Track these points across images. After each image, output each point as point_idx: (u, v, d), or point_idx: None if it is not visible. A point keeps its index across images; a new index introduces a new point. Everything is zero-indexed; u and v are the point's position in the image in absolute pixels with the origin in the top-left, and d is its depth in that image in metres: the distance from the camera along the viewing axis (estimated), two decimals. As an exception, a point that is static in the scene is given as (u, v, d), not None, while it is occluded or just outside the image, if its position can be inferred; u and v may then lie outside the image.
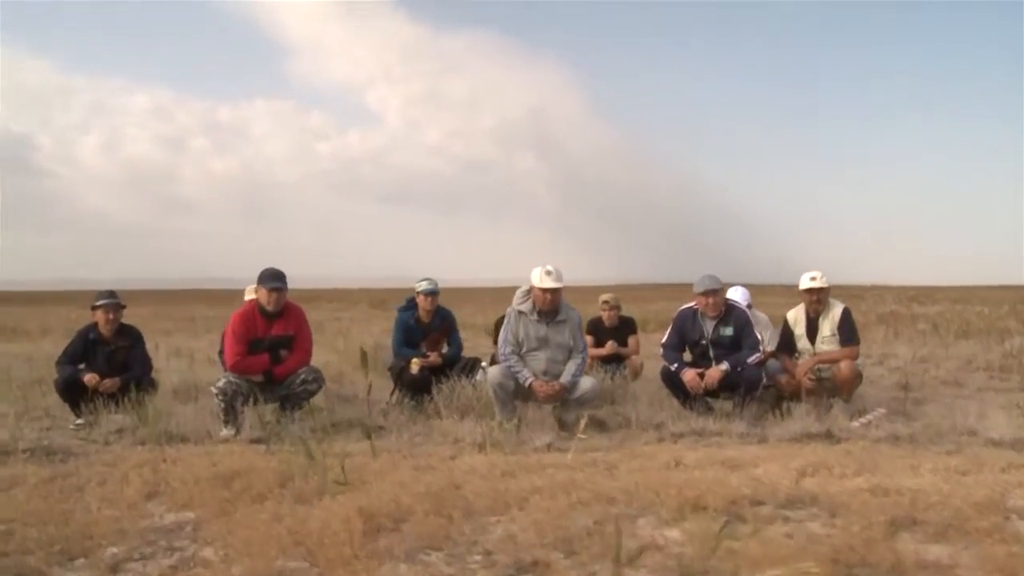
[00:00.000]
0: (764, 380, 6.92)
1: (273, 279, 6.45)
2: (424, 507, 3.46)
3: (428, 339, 7.95)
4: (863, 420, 6.55)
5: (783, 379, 7.17)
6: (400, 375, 7.75)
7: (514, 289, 6.95)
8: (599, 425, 6.58)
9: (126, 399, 6.82)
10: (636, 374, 8.60)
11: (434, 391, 7.29)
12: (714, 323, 6.91)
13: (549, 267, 6.54)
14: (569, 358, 6.66)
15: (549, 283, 6.49)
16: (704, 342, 6.94)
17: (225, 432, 6.22)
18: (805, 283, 7.19)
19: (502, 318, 8.26)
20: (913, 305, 32.14)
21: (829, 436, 5.92)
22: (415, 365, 7.65)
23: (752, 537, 3.10)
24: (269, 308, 6.45)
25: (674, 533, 3.27)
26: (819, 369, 7.08)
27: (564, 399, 6.55)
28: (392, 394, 7.85)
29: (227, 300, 46.85)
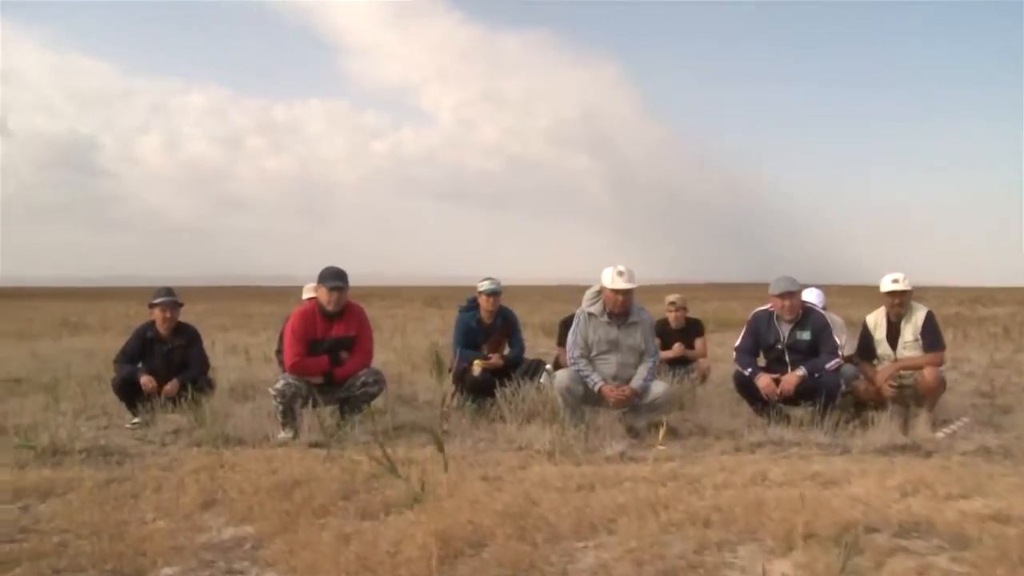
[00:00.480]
0: (843, 387, 6.53)
1: (334, 278, 6.23)
2: (505, 530, 3.17)
3: (490, 340, 7.71)
4: (948, 430, 6.15)
5: (862, 386, 6.77)
6: (462, 377, 7.52)
7: (567, 288, 6.67)
8: (671, 432, 6.28)
9: (183, 399, 6.68)
10: (703, 377, 8.28)
11: (497, 394, 7.03)
12: (791, 326, 6.53)
13: (621, 267, 6.23)
14: (640, 362, 6.35)
15: (621, 284, 6.18)
16: (780, 346, 6.56)
17: (283, 435, 6.02)
18: (887, 285, 6.77)
19: (567, 319, 7.98)
20: (977, 307, 31.12)
21: (916, 448, 5.51)
22: (477, 367, 7.41)
23: (877, 573, 2.76)
24: (329, 308, 6.23)
25: (785, 566, 2.94)
26: (900, 376, 6.67)
27: (634, 404, 6.24)
28: (453, 397, 7.62)
29: (282, 297, 47.27)
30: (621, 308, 6.27)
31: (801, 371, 6.27)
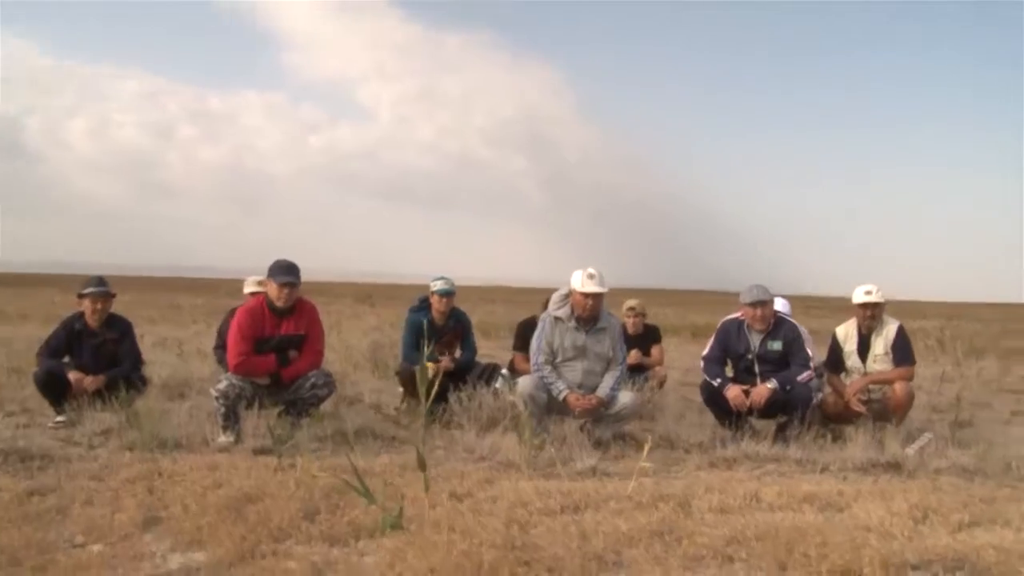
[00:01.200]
0: (814, 400, 6.35)
1: (285, 272, 5.79)
2: (509, 567, 2.79)
3: (441, 342, 7.36)
4: (915, 446, 6.00)
5: (830, 399, 6.63)
6: (412, 380, 7.15)
7: (503, 289, 6.39)
8: (634, 442, 6.00)
9: (113, 397, 6.16)
10: (660, 385, 8.04)
11: (450, 399, 6.68)
12: (761, 336, 6.31)
13: (591, 270, 5.93)
14: (607, 370, 6.06)
15: (591, 287, 5.88)
16: (750, 357, 6.34)
17: (223, 439, 5.57)
18: (859, 297, 6.60)
19: (526, 321, 7.65)
20: (905, 319, 31.61)
21: (896, 467, 5.32)
22: (429, 369, 7.04)
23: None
24: (279, 304, 5.79)
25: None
26: (868, 390, 6.52)
27: (600, 414, 5.96)
28: (403, 401, 7.23)
29: (212, 289, 45.97)
30: (590, 313, 5.98)
31: (772, 383, 6.06)
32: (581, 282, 5.90)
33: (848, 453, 5.55)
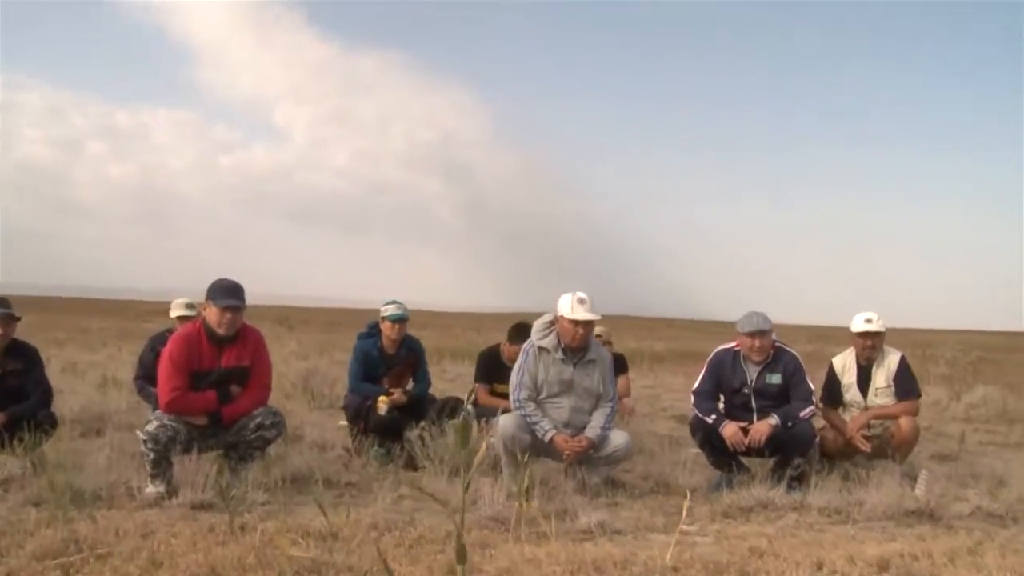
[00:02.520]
0: (817, 438, 5.80)
1: (229, 294, 4.95)
2: None
3: (391, 373, 6.63)
4: (921, 486, 5.50)
5: (830, 435, 6.10)
6: (366, 416, 6.38)
7: (418, 313, 5.71)
8: (622, 487, 5.35)
9: (16, 439, 5.20)
10: (627, 417, 7.42)
11: (410, 437, 5.93)
12: (759, 368, 5.73)
13: (582, 294, 5.26)
14: (596, 407, 5.40)
15: (582, 314, 5.20)
16: (746, 391, 5.74)
17: (152, 489, 4.69)
18: (859, 325, 6.09)
19: (488, 352, 6.93)
20: (830, 345, 31.93)
21: (929, 515, 4.78)
22: (383, 404, 6.30)
23: None
24: (221, 331, 4.94)
25: None
26: (869, 426, 6.00)
27: (590, 457, 5.28)
28: (354, 439, 6.43)
29: (122, 311, 43.87)
30: (580, 343, 5.30)
31: (774, 419, 5.47)
32: (571, 307, 5.22)
33: (867, 497, 4.98)
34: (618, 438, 5.32)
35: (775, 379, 5.70)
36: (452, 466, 5.42)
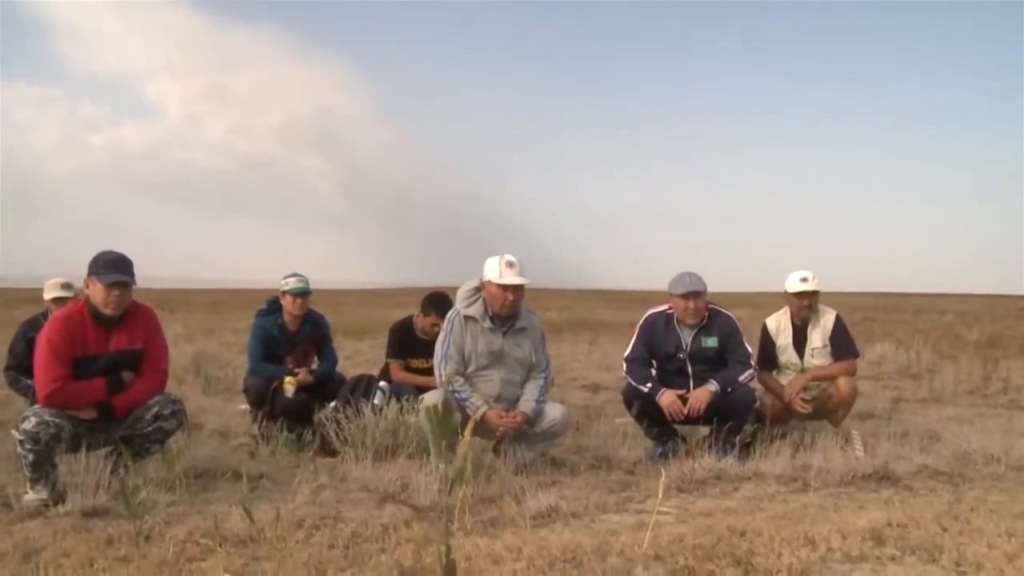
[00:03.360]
0: (756, 402, 5.59)
1: (114, 268, 4.33)
2: None
3: (295, 352, 6.16)
4: (858, 448, 5.37)
5: (767, 400, 5.91)
6: (271, 398, 5.87)
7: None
8: (560, 466, 5.02)
9: None
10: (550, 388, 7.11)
11: (322, 420, 5.46)
12: (694, 332, 5.47)
13: (510, 256, 4.85)
14: (528, 378, 5.03)
15: (512, 278, 4.80)
16: (682, 356, 5.47)
17: (33, 496, 4.08)
18: (795, 285, 5.89)
19: (400, 324, 6.43)
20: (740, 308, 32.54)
21: (888, 478, 4.62)
22: (289, 385, 5.82)
23: None
24: (107, 311, 4.32)
25: None
26: (806, 388, 5.83)
27: (525, 432, 4.91)
28: (259, 424, 5.91)
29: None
30: (509, 310, 4.91)
31: (713, 386, 5.23)
32: (499, 271, 4.81)
33: (815, 462, 4.78)
34: (554, 411, 4.98)
35: (711, 342, 5.45)
36: (374, 449, 4.99)
